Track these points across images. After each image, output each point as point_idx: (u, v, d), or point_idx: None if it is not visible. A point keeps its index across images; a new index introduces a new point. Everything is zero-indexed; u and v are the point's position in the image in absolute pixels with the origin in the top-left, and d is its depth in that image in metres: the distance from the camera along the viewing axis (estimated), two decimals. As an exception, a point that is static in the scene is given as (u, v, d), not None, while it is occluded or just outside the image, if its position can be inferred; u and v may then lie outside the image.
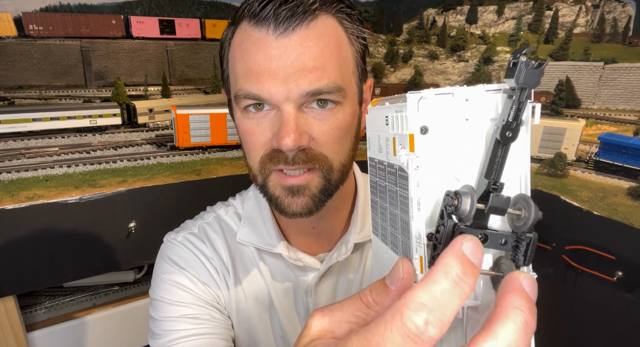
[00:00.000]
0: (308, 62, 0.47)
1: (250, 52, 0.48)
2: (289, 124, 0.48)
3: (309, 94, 0.48)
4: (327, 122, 0.51)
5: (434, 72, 3.10)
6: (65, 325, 1.52)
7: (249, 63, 0.48)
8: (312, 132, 0.50)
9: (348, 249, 0.63)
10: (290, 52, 0.47)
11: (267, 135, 0.51)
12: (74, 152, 1.71)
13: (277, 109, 0.50)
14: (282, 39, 0.47)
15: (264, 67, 0.47)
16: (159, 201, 1.46)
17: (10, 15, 2.20)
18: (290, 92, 0.48)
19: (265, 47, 0.47)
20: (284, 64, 0.47)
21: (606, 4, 2.83)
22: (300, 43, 0.47)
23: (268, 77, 0.47)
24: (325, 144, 0.51)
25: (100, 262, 1.41)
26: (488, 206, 0.25)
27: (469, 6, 3.19)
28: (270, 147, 0.51)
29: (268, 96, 0.48)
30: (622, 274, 1.35)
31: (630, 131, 2.14)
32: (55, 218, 1.29)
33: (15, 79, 2.30)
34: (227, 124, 1.86)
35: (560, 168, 1.75)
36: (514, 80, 0.26)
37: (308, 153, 0.50)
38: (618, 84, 2.58)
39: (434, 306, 0.21)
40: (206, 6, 2.84)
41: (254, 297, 0.65)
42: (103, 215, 1.36)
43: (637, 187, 1.56)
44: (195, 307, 0.62)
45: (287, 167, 0.51)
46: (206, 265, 0.65)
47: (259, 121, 0.51)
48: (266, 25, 0.47)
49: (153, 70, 2.73)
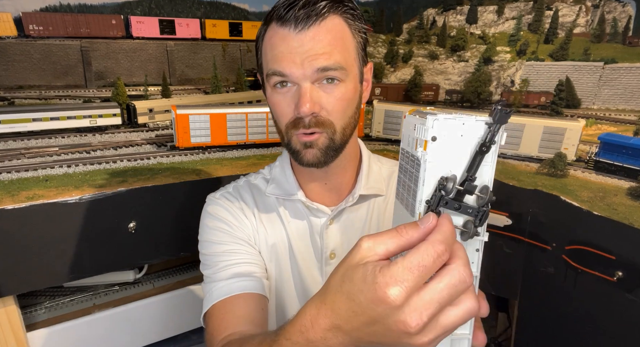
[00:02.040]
0: (319, 50, 0.65)
1: (277, 44, 0.66)
2: (305, 96, 0.66)
3: (319, 70, 0.66)
4: (333, 94, 0.68)
5: (434, 72, 3.10)
6: (65, 325, 1.52)
7: (276, 52, 0.66)
8: (322, 102, 0.68)
9: (354, 198, 0.80)
10: (305, 43, 0.65)
11: (291, 106, 0.69)
12: (74, 152, 1.71)
13: (296, 85, 0.67)
14: (300, 35, 0.65)
15: (287, 54, 0.65)
16: (159, 200, 1.46)
17: (10, 15, 2.20)
18: (306, 71, 0.65)
19: (288, 41, 0.65)
20: (301, 52, 0.65)
21: (606, 4, 2.83)
22: (312, 37, 0.65)
23: (290, 62, 0.65)
24: (331, 111, 0.69)
25: (100, 262, 1.41)
26: (464, 188, 0.42)
27: (469, 6, 3.19)
28: (293, 116, 0.69)
29: (289, 73, 0.66)
30: (622, 274, 1.35)
31: (630, 131, 2.14)
32: (55, 218, 1.29)
33: (15, 79, 2.30)
34: (227, 124, 1.86)
35: (560, 168, 1.75)
36: (492, 118, 0.41)
37: (319, 119, 0.68)
38: (618, 84, 2.58)
39: (446, 240, 0.38)
40: (206, 6, 2.84)
41: (276, 238, 0.82)
42: (103, 215, 1.36)
43: (637, 187, 1.56)
44: (232, 245, 0.81)
45: (304, 130, 0.68)
46: (238, 213, 0.84)
47: (284, 95, 0.69)
48: (289, 25, 0.65)
49: (153, 70, 2.73)
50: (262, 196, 0.86)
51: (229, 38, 2.93)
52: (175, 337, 1.79)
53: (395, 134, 2.16)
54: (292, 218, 0.83)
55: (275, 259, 0.84)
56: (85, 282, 1.69)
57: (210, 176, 1.58)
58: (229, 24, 2.90)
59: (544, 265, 1.59)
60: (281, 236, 0.83)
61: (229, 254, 0.80)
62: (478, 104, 2.78)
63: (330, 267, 0.81)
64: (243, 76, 2.76)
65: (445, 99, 2.94)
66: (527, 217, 1.64)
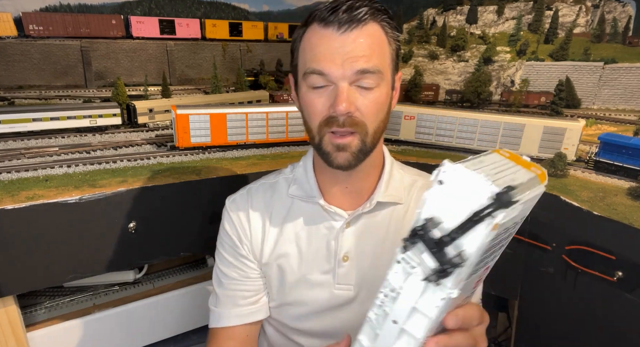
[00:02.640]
0: (359, 52, 0.67)
1: (317, 44, 0.68)
2: (342, 95, 0.67)
3: (358, 72, 0.67)
4: (368, 97, 0.69)
5: (434, 72, 3.10)
6: (65, 325, 1.52)
7: (316, 51, 0.68)
8: (357, 103, 0.69)
9: (372, 204, 0.81)
10: (346, 45, 0.67)
11: (325, 105, 0.70)
12: (74, 152, 1.71)
13: (333, 86, 0.69)
14: (342, 36, 0.67)
15: (327, 54, 0.67)
16: (159, 200, 1.46)
17: (10, 15, 2.20)
18: (345, 71, 0.67)
19: (329, 41, 0.67)
20: (342, 52, 0.67)
21: (606, 4, 2.83)
22: (354, 40, 0.67)
23: (330, 61, 0.67)
24: (365, 113, 0.70)
25: (100, 262, 1.41)
26: (440, 239, 0.39)
27: (469, 6, 3.19)
28: (326, 115, 0.70)
29: (329, 72, 0.67)
30: (622, 274, 1.35)
31: (630, 131, 2.14)
32: (55, 218, 1.29)
33: (15, 79, 2.30)
34: (227, 124, 1.87)
35: (560, 168, 1.75)
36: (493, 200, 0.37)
37: (353, 119, 0.69)
38: (618, 84, 2.58)
39: None
40: (206, 6, 2.84)
41: (286, 239, 0.85)
42: (103, 215, 1.36)
43: (637, 187, 1.56)
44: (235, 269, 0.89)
45: (338, 129, 0.69)
46: (244, 224, 0.88)
47: (320, 94, 0.70)
48: (332, 26, 0.67)
49: (153, 70, 2.73)
50: (280, 196, 0.88)
51: (229, 38, 2.93)
52: (175, 337, 1.79)
53: (395, 134, 2.17)
54: (308, 219, 0.85)
55: (284, 259, 0.86)
56: (85, 282, 1.69)
57: (210, 176, 1.58)
58: (229, 24, 2.90)
59: (544, 265, 1.59)
60: (293, 236, 0.86)
61: (233, 281, 0.90)
62: (478, 104, 2.78)
63: (342, 269, 0.82)
64: (243, 76, 2.77)
65: (445, 99, 2.94)
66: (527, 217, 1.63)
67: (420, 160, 1.96)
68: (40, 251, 1.29)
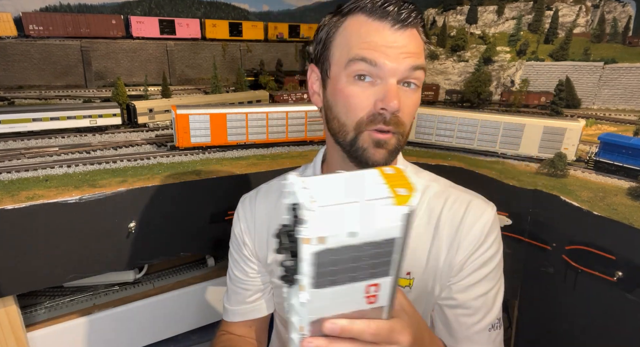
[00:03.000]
0: (411, 49, 0.67)
1: (369, 34, 0.66)
2: (395, 91, 0.65)
3: (412, 68, 0.67)
4: (410, 98, 0.69)
5: (434, 72, 3.10)
6: (65, 325, 1.52)
7: (368, 40, 0.66)
8: (402, 103, 0.67)
9: None
10: (401, 40, 0.66)
11: (370, 100, 0.67)
12: (74, 152, 1.71)
13: (380, 81, 0.67)
14: (397, 31, 0.66)
15: (380, 45, 0.65)
16: (159, 200, 1.46)
17: (10, 15, 2.20)
18: (399, 66, 0.66)
19: (384, 34, 0.65)
20: (395, 47, 0.65)
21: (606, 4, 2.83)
22: (408, 36, 0.66)
23: (382, 54, 0.65)
24: (406, 114, 0.70)
25: (100, 262, 1.41)
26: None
27: (469, 6, 3.19)
28: (372, 110, 0.67)
29: (381, 64, 0.65)
30: (622, 274, 1.35)
31: (630, 131, 2.14)
32: (55, 218, 1.29)
33: (15, 79, 2.30)
34: (227, 124, 1.87)
35: (560, 168, 1.75)
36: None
37: (398, 118, 0.68)
38: (618, 84, 2.58)
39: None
40: (206, 6, 2.84)
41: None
42: (103, 215, 1.36)
43: (637, 187, 1.56)
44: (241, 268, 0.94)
45: (383, 127, 0.68)
46: (250, 224, 0.90)
47: (364, 88, 0.67)
48: (387, 19, 0.65)
49: (153, 70, 2.73)
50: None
51: (229, 38, 2.93)
52: (175, 337, 1.79)
53: (395, 134, 2.17)
54: None
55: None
56: (85, 282, 1.69)
57: (210, 176, 1.58)
58: (229, 24, 2.90)
59: (544, 265, 1.59)
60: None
61: (237, 279, 0.95)
62: (478, 104, 2.78)
63: None
64: (243, 76, 2.77)
65: (445, 99, 2.94)
66: (527, 217, 1.63)
67: (420, 160, 1.96)
68: (40, 251, 1.29)
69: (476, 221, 0.76)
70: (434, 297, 0.79)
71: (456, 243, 0.76)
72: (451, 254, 0.76)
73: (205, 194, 1.55)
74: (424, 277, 0.77)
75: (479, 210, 0.78)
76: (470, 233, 0.76)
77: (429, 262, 0.77)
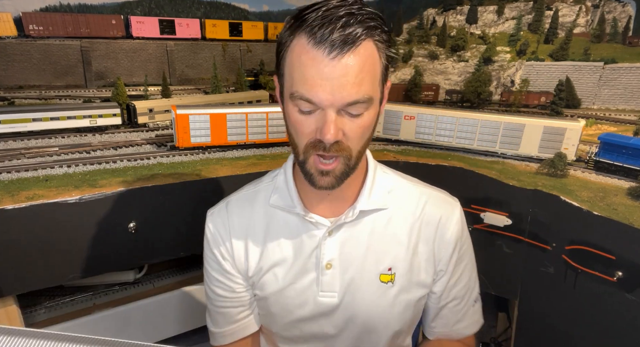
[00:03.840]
0: (350, 79, 0.64)
1: (307, 65, 0.65)
2: (330, 123, 0.65)
3: (349, 104, 0.65)
4: (355, 122, 0.68)
5: (434, 72, 3.10)
6: (65, 325, 1.52)
7: (306, 74, 0.65)
8: (345, 129, 0.68)
9: (355, 213, 0.80)
10: (337, 71, 0.63)
11: (312, 128, 0.68)
12: (74, 152, 1.71)
13: (320, 110, 0.67)
14: (333, 61, 0.63)
15: (317, 79, 0.64)
16: (159, 200, 1.46)
17: (10, 15, 2.20)
18: (335, 100, 0.64)
19: (319, 66, 0.63)
20: (332, 79, 0.63)
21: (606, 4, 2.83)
22: (345, 65, 0.63)
23: (319, 88, 0.64)
24: (352, 138, 0.69)
25: (100, 262, 1.41)
26: None
27: (469, 6, 3.19)
28: (314, 137, 0.69)
29: (318, 101, 0.65)
30: (622, 274, 1.35)
31: (630, 131, 2.15)
32: (55, 218, 1.29)
33: (15, 79, 2.30)
34: (227, 124, 1.87)
35: (560, 168, 1.75)
36: None
37: (339, 145, 0.68)
38: (618, 84, 2.58)
39: None
40: (206, 6, 2.84)
41: (270, 249, 0.85)
42: (103, 215, 1.36)
43: (637, 187, 1.56)
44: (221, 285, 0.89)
45: (323, 153, 0.69)
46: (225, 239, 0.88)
47: (307, 117, 0.68)
48: (322, 47, 0.63)
49: (153, 70, 2.73)
50: (260, 207, 0.88)
51: (229, 38, 2.93)
52: (175, 337, 1.79)
53: (395, 134, 2.17)
54: (290, 229, 0.84)
55: (269, 270, 0.85)
56: (85, 282, 1.69)
57: (210, 176, 1.58)
58: (229, 24, 2.90)
59: (544, 265, 1.59)
60: (276, 247, 0.85)
61: (221, 298, 0.90)
62: (478, 104, 2.78)
63: (326, 277, 0.82)
64: (243, 76, 2.77)
65: (445, 99, 2.94)
66: (527, 217, 1.64)
67: (420, 160, 1.96)
68: (40, 251, 1.29)
69: (450, 217, 0.83)
70: (420, 287, 0.84)
71: (437, 238, 0.82)
72: (433, 247, 0.82)
73: (205, 194, 1.55)
74: (406, 271, 0.82)
75: (450, 207, 0.84)
76: (449, 230, 0.82)
77: (409, 257, 0.81)
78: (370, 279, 0.81)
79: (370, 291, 0.80)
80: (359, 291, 0.81)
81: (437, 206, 0.83)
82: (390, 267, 0.81)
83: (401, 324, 0.84)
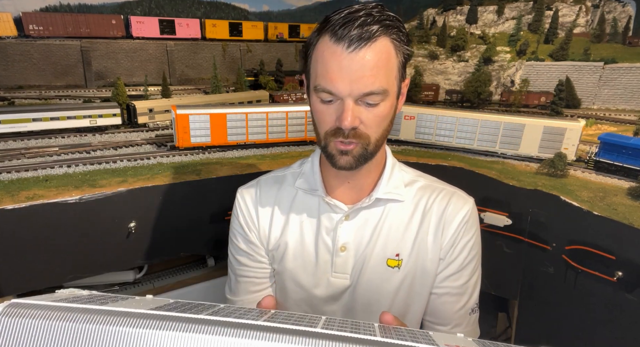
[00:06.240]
0: (366, 72, 0.71)
1: (328, 60, 0.72)
2: (348, 111, 0.72)
3: (364, 94, 0.72)
4: (372, 112, 0.75)
5: (434, 72, 3.10)
6: (65, 325, 1.52)
7: (327, 67, 0.72)
8: (362, 117, 0.74)
9: (371, 200, 0.87)
10: (355, 64, 0.70)
11: (332, 117, 0.75)
12: (74, 152, 1.71)
13: (340, 100, 0.74)
14: (351, 54, 0.70)
15: (337, 72, 0.71)
16: (159, 200, 1.46)
17: (10, 15, 2.20)
18: (353, 90, 0.71)
19: (339, 59, 0.71)
20: (350, 71, 0.71)
21: (606, 4, 2.83)
22: (362, 58, 0.70)
23: (338, 79, 0.71)
24: (368, 126, 0.76)
25: (100, 262, 1.41)
26: None
27: (469, 6, 3.19)
28: (334, 126, 0.76)
29: (337, 91, 0.72)
30: (622, 274, 1.35)
31: (630, 131, 2.14)
32: (55, 218, 1.29)
33: (15, 79, 2.30)
34: (227, 124, 1.87)
35: (560, 168, 1.75)
36: None
37: (357, 132, 0.75)
38: (618, 84, 2.58)
39: None
40: (206, 6, 2.84)
41: (290, 228, 0.92)
42: (103, 215, 1.36)
43: (637, 187, 1.56)
44: (246, 255, 0.96)
45: (342, 139, 0.76)
46: (252, 211, 0.95)
47: (327, 107, 0.76)
48: (342, 43, 0.70)
49: (153, 70, 2.73)
50: (286, 188, 0.96)
51: (229, 38, 2.93)
52: (175, 337, 1.79)
53: (396, 134, 2.17)
54: (311, 210, 0.92)
55: (288, 246, 0.93)
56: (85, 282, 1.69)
57: (210, 176, 1.58)
58: (229, 24, 2.90)
59: (544, 265, 1.59)
60: (297, 225, 0.93)
61: (244, 267, 0.96)
62: (478, 104, 2.78)
63: (339, 259, 0.89)
64: (243, 76, 2.77)
65: (445, 99, 2.94)
66: (527, 217, 1.64)
67: (420, 160, 1.96)
68: (40, 251, 1.29)
69: (458, 211, 0.87)
70: (424, 276, 0.88)
71: (441, 228, 0.87)
72: (437, 236, 0.87)
73: (205, 194, 1.55)
74: (412, 259, 0.86)
75: (460, 202, 0.88)
76: (454, 221, 0.86)
77: (417, 245, 0.86)
78: (378, 262, 0.86)
79: (377, 274, 0.86)
80: (366, 274, 0.86)
81: (449, 199, 0.88)
82: (398, 253, 0.87)
83: (403, 314, 0.88)
